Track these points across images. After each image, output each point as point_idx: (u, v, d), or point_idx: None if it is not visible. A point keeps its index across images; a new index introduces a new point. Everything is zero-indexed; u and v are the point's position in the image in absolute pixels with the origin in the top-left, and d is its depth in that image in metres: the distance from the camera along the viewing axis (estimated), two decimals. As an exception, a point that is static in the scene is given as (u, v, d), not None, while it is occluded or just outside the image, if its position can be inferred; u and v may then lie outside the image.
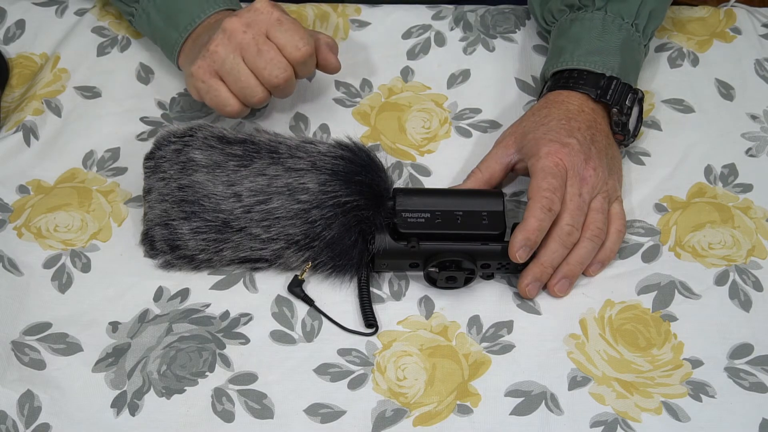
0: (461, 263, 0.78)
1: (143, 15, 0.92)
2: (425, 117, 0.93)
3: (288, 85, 0.84)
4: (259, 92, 0.83)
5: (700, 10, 1.03)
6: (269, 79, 0.82)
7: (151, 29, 0.92)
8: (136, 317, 0.78)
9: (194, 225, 0.79)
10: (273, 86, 0.83)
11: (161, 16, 0.90)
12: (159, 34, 0.91)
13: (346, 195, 0.78)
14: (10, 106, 0.94)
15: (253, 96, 0.83)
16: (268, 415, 0.73)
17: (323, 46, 0.87)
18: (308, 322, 0.78)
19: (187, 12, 0.88)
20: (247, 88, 0.83)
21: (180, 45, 0.88)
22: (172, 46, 0.89)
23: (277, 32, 0.82)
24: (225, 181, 0.79)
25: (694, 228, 0.85)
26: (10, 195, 0.86)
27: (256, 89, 0.83)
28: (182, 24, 0.88)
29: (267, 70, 0.82)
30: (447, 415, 0.73)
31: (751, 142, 0.91)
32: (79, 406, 0.73)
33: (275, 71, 0.82)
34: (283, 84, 0.83)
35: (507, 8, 1.03)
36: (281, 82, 0.83)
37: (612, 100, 0.85)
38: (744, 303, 0.80)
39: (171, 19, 0.89)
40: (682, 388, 0.75)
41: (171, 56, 0.90)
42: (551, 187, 0.78)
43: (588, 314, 0.79)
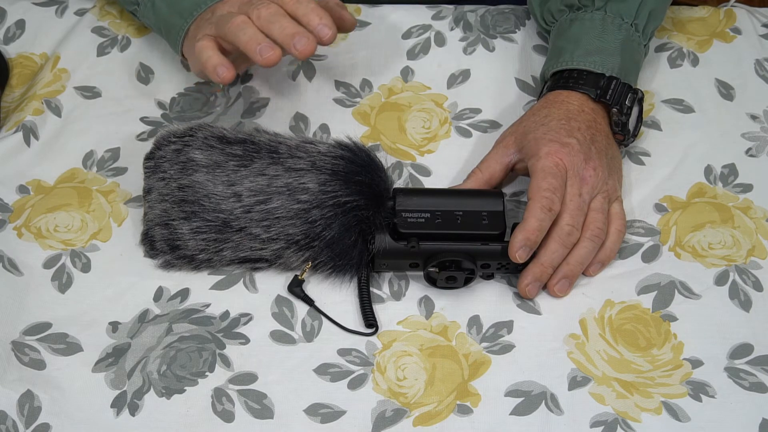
0: (461, 263, 0.78)
1: (148, 4, 0.92)
2: (425, 117, 0.93)
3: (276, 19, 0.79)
4: (250, 30, 0.79)
5: (700, 10, 1.03)
6: (258, 14, 0.79)
7: (156, 18, 0.91)
8: (136, 317, 0.78)
9: (194, 225, 0.79)
10: (262, 20, 0.79)
11: (165, 2, 0.90)
12: (163, 22, 0.91)
13: (346, 195, 0.78)
14: (10, 106, 0.94)
15: (244, 33, 0.79)
16: (268, 415, 0.73)
17: (334, 6, 0.86)
18: (308, 322, 0.78)
19: None
20: (238, 26, 0.79)
21: (185, 31, 0.88)
22: (176, 33, 0.89)
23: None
24: (225, 181, 0.79)
25: (694, 228, 0.85)
26: (10, 195, 0.86)
27: (246, 26, 0.79)
28: (186, 10, 0.88)
29: (256, 10, 0.79)
30: (447, 415, 0.73)
31: (751, 142, 0.91)
32: (79, 406, 0.73)
33: (260, 4, 0.79)
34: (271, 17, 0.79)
35: (507, 8, 1.03)
36: (269, 14, 0.79)
37: (612, 100, 0.85)
38: (744, 303, 0.80)
39: (175, 5, 0.89)
40: (682, 388, 0.75)
41: (175, 43, 0.90)
42: (551, 187, 0.78)
43: (588, 314, 0.79)
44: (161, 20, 0.91)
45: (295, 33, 0.78)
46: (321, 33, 0.79)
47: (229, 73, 0.80)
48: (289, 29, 0.78)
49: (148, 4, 0.92)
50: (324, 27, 0.79)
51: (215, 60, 0.80)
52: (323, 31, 0.79)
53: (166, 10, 0.90)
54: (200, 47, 0.81)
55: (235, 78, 0.81)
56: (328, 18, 0.79)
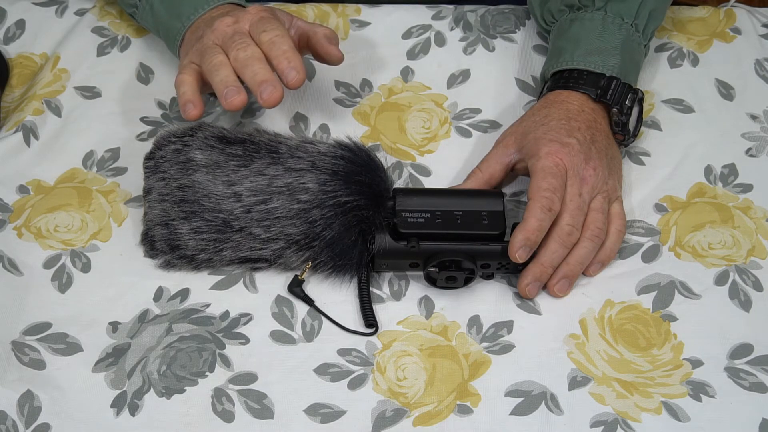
0: (461, 263, 0.78)
1: (146, 6, 0.92)
2: (425, 117, 0.93)
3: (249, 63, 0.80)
4: (222, 72, 0.80)
5: (700, 10, 1.03)
6: (235, 56, 0.80)
7: (154, 20, 0.92)
8: (136, 317, 0.78)
9: (194, 225, 0.79)
10: (238, 62, 0.80)
11: (164, 6, 0.90)
12: (162, 25, 0.91)
13: (346, 195, 0.78)
14: (10, 106, 0.94)
15: (217, 74, 0.80)
16: (268, 415, 0.73)
17: (322, 39, 0.87)
18: (308, 322, 0.78)
19: (190, 2, 0.88)
20: (214, 66, 0.80)
21: (182, 35, 0.88)
22: (174, 36, 0.89)
23: (254, 26, 0.82)
24: (225, 181, 0.79)
25: (694, 228, 0.85)
26: (10, 195, 0.86)
27: (220, 67, 0.80)
28: (185, 14, 0.88)
29: (234, 51, 0.80)
30: (447, 415, 0.73)
31: (751, 142, 0.91)
32: (79, 406, 0.73)
33: (238, 44, 0.81)
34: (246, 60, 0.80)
35: (507, 8, 1.03)
36: (245, 57, 0.80)
37: (612, 100, 0.85)
38: (744, 303, 0.80)
39: (174, 8, 0.89)
40: (682, 388, 0.75)
41: (173, 47, 0.90)
42: (551, 187, 0.78)
43: (588, 314, 0.79)
44: (159, 23, 0.91)
45: (263, 81, 0.79)
46: (287, 76, 0.80)
47: (195, 111, 0.81)
48: (259, 76, 0.79)
49: (147, 6, 0.92)
50: (291, 70, 0.80)
51: (186, 96, 0.81)
52: (290, 74, 0.80)
53: (165, 13, 0.90)
54: (178, 81, 0.82)
55: (200, 116, 0.82)
56: (297, 61, 0.80)
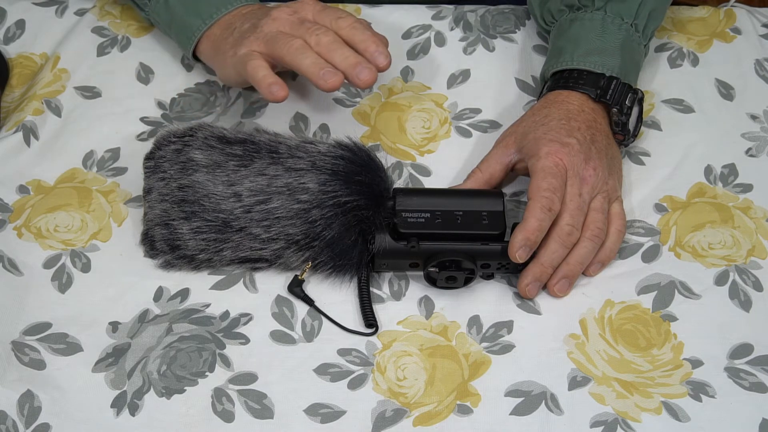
0: (461, 263, 0.78)
1: (160, 0, 0.92)
2: (425, 117, 0.93)
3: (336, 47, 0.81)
4: (311, 55, 0.80)
5: (700, 10, 1.03)
6: (318, 40, 0.81)
7: (169, 15, 0.91)
8: (136, 317, 0.78)
9: (194, 225, 0.79)
10: (322, 47, 0.81)
11: (181, 1, 0.90)
12: (177, 21, 0.91)
13: (346, 195, 0.78)
14: (10, 106, 0.94)
15: (305, 57, 0.80)
16: (268, 415, 0.73)
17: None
18: (308, 322, 0.78)
19: (211, 1, 0.89)
20: (298, 50, 0.81)
21: (202, 32, 0.88)
22: (191, 33, 0.89)
23: (321, 14, 0.83)
24: (225, 181, 0.79)
25: (694, 228, 0.85)
26: (10, 195, 0.86)
27: (306, 50, 0.81)
28: (206, 12, 0.89)
29: (315, 36, 0.81)
30: (447, 415, 0.73)
31: (751, 142, 0.91)
32: (79, 406, 0.73)
33: (316, 30, 0.81)
34: (331, 44, 0.81)
35: (507, 8, 1.03)
36: (329, 41, 0.81)
37: (612, 100, 0.85)
38: (744, 303, 0.80)
39: (192, 5, 0.89)
40: (682, 388, 0.75)
41: (188, 43, 0.90)
42: (551, 187, 0.78)
43: (588, 314, 0.79)
44: (175, 19, 0.91)
45: (357, 63, 0.79)
46: (378, 60, 0.80)
47: (282, 92, 0.81)
48: (351, 59, 0.80)
49: (161, 1, 0.92)
50: (380, 55, 0.81)
51: (270, 79, 0.81)
52: (380, 58, 0.81)
53: (181, 10, 0.90)
54: (254, 66, 0.82)
55: (287, 97, 0.81)
56: (383, 45, 0.81)
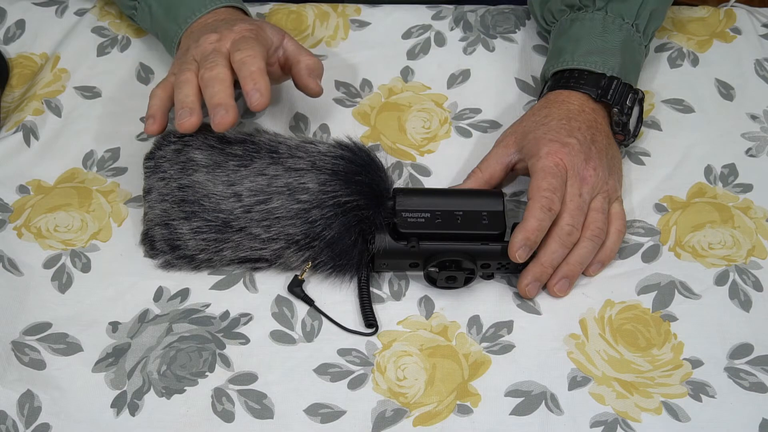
0: (461, 263, 0.78)
1: (145, 8, 0.92)
2: (425, 117, 0.93)
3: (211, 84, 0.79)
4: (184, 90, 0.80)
5: (700, 10, 1.03)
6: (202, 75, 0.80)
7: (153, 22, 0.92)
8: (136, 317, 0.78)
9: (194, 225, 0.79)
10: (203, 81, 0.80)
11: (162, 8, 0.90)
12: (160, 27, 0.91)
13: (346, 195, 0.78)
14: (10, 106, 0.94)
15: (179, 92, 0.80)
16: (268, 415, 0.73)
17: (302, 70, 0.86)
18: (308, 322, 0.78)
19: (188, 5, 0.89)
20: (179, 83, 0.80)
21: (179, 38, 0.89)
22: (171, 39, 0.90)
23: (235, 44, 0.82)
24: (225, 180, 0.79)
25: (694, 228, 0.85)
26: (10, 195, 0.86)
27: (183, 85, 0.80)
28: (181, 17, 0.89)
29: (203, 69, 0.80)
30: (447, 415, 0.73)
31: (751, 142, 0.91)
32: (79, 406, 0.73)
33: (209, 63, 0.80)
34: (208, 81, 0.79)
35: (507, 8, 1.03)
36: (209, 77, 0.79)
37: (613, 100, 0.85)
38: (744, 303, 0.80)
39: (171, 11, 0.89)
40: (682, 388, 0.75)
41: (171, 49, 0.91)
42: (551, 187, 0.78)
43: (588, 314, 0.79)
44: (157, 25, 0.91)
45: (217, 104, 0.78)
46: (251, 98, 0.79)
47: (153, 127, 0.81)
48: (215, 98, 0.78)
49: (145, 8, 0.92)
50: (255, 92, 0.79)
51: (150, 111, 0.82)
52: (253, 96, 0.79)
53: (162, 16, 0.90)
54: (151, 93, 0.82)
55: (159, 133, 0.82)
56: (262, 83, 0.79)
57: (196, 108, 0.79)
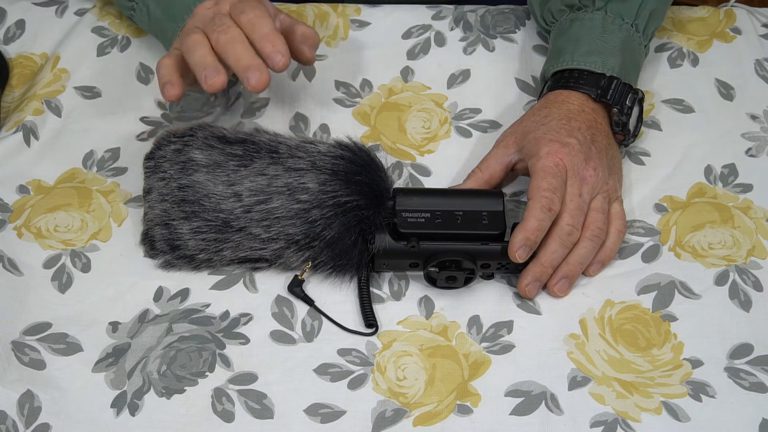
0: (461, 263, 0.78)
1: (143, 8, 0.92)
2: (425, 117, 0.93)
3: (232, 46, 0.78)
4: (200, 51, 0.78)
5: (700, 10, 1.03)
6: (217, 39, 0.78)
7: (151, 22, 0.92)
8: (136, 317, 0.78)
9: (194, 225, 0.79)
10: (219, 46, 0.78)
11: (160, 7, 0.90)
12: (158, 27, 0.91)
13: (346, 195, 0.78)
14: (10, 106, 0.94)
15: (194, 54, 0.78)
16: (268, 415, 0.73)
17: (297, 36, 0.85)
18: (308, 322, 0.78)
19: (184, 2, 0.88)
20: (191, 46, 0.79)
21: (177, 34, 0.88)
22: (170, 37, 0.90)
23: (234, 7, 0.80)
24: (225, 180, 0.79)
25: (694, 228, 0.85)
26: (10, 195, 0.86)
27: (198, 46, 0.79)
28: (179, 14, 0.88)
29: (215, 33, 0.79)
30: (447, 415, 0.73)
31: (751, 142, 0.91)
32: (79, 406, 0.73)
33: (220, 26, 0.79)
34: (227, 43, 0.78)
35: (507, 8, 1.03)
36: (226, 40, 0.78)
37: (613, 100, 0.85)
38: (744, 303, 0.80)
39: (168, 9, 0.89)
40: (682, 388, 0.75)
41: (169, 46, 0.90)
42: (551, 187, 0.78)
43: (588, 314, 0.79)
44: (156, 25, 0.91)
45: (248, 65, 0.77)
46: (273, 60, 0.78)
47: (173, 91, 0.79)
48: (243, 60, 0.77)
49: (143, 8, 0.92)
50: (276, 54, 0.78)
51: (165, 78, 0.80)
52: (275, 58, 0.78)
53: (161, 15, 0.90)
54: (157, 65, 0.81)
55: (180, 96, 0.80)
56: (281, 44, 0.78)
57: (220, 66, 0.78)
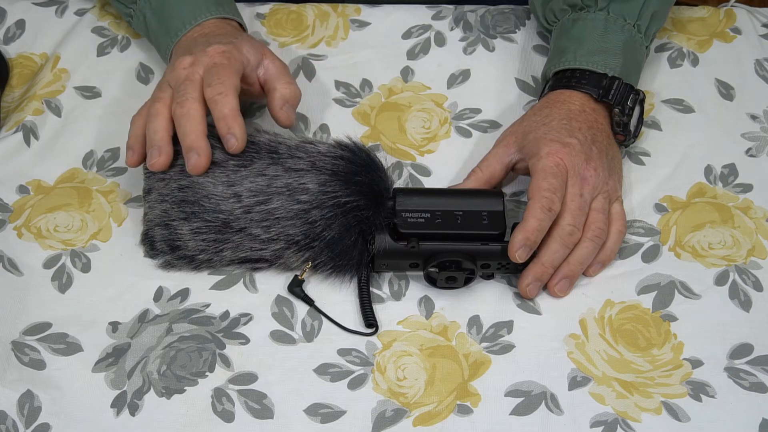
0: (461, 263, 0.78)
1: (140, 16, 0.92)
2: (425, 117, 0.93)
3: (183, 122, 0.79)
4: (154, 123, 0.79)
5: (700, 10, 1.03)
6: (174, 109, 0.79)
7: (147, 31, 0.92)
8: (136, 317, 0.78)
9: (194, 225, 0.79)
10: (175, 116, 0.79)
11: (156, 18, 0.90)
12: (154, 37, 0.92)
13: (346, 195, 0.78)
14: (10, 106, 0.94)
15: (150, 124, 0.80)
16: (268, 415, 0.73)
17: (277, 100, 0.84)
18: (308, 322, 0.78)
19: (180, 17, 0.88)
20: (152, 114, 0.80)
21: (171, 49, 0.88)
22: (164, 51, 0.90)
23: (207, 75, 0.80)
24: (225, 181, 0.79)
25: (694, 228, 0.85)
26: (10, 195, 0.86)
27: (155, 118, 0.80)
28: (173, 28, 0.88)
29: (175, 103, 0.79)
30: (447, 415, 0.73)
31: (751, 142, 0.91)
32: (79, 406, 0.73)
33: (180, 97, 0.79)
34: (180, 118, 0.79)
35: (507, 8, 1.03)
36: (181, 113, 0.79)
37: (614, 101, 0.85)
38: (744, 303, 0.80)
39: (164, 22, 0.89)
40: (682, 388, 0.75)
41: (165, 58, 0.91)
42: (551, 187, 0.78)
43: (588, 314, 0.79)
44: (152, 35, 0.92)
45: (191, 146, 0.78)
46: (227, 143, 0.79)
47: (132, 159, 0.81)
48: (189, 139, 0.78)
49: (141, 17, 0.92)
50: (231, 137, 0.79)
51: (129, 141, 0.82)
52: (230, 141, 0.79)
53: (156, 26, 0.91)
54: (131, 121, 0.82)
55: (139, 164, 0.82)
56: (236, 127, 0.79)
57: (164, 146, 0.79)
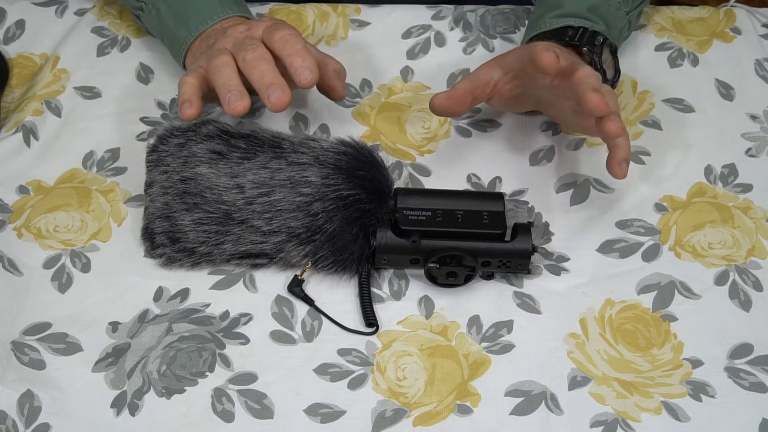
0: (462, 258, 0.78)
1: (152, 10, 0.92)
2: (425, 117, 0.93)
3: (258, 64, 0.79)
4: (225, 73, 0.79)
5: (700, 10, 1.04)
6: (244, 56, 0.79)
7: (160, 25, 0.92)
8: (136, 317, 0.78)
9: (196, 216, 0.79)
10: (246, 64, 0.79)
11: (171, 12, 0.90)
12: (167, 31, 0.91)
13: (348, 188, 0.78)
14: (10, 107, 0.94)
15: (220, 76, 0.80)
16: (268, 415, 0.73)
17: (330, 72, 0.86)
18: (308, 322, 0.78)
19: (200, 12, 0.89)
20: (217, 67, 0.80)
21: (189, 43, 0.89)
22: (180, 44, 0.90)
23: (267, 29, 0.82)
24: (228, 173, 0.79)
25: (694, 228, 0.85)
26: (10, 195, 0.86)
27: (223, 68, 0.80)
28: (193, 23, 0.89)
29: (243, 52, 0.79)
30: (447, 415, 0.73)
31: (751, 142, 0.91)
32: (79, 406, 0.73)
33: (248, 45, 0.79)
34: (254, 61, 0.79)
35: (507, 8, 1.03)
36: (253, 58, 0.79)
37: (581, 42, 0.86)
38: (744, 303, 0.80)
39: (181, 16, 0.89)
40: (682, 388, 0.75)
41: (178, 54, 0.90)
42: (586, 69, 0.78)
43: (588, 314, 0.79)
44: (165, 29, 0.91)
45: (271, 83, 0.77)
46: (301, 75, 0.78)
47: (189, 111, 0.80)
48: (267, 78, 0.77)
49: (153, 10, 0.92)
50: (305, 69, 0.78)
51: (184, 96, 0.81)
52: (304, 73, 0.78)
53: (171, 20, 0.90)
54: (181, 82, 0.82)
55: (197, 117, 0.81)
56: (311, 61, 0.79)
57: (244, 90, 0.78)
